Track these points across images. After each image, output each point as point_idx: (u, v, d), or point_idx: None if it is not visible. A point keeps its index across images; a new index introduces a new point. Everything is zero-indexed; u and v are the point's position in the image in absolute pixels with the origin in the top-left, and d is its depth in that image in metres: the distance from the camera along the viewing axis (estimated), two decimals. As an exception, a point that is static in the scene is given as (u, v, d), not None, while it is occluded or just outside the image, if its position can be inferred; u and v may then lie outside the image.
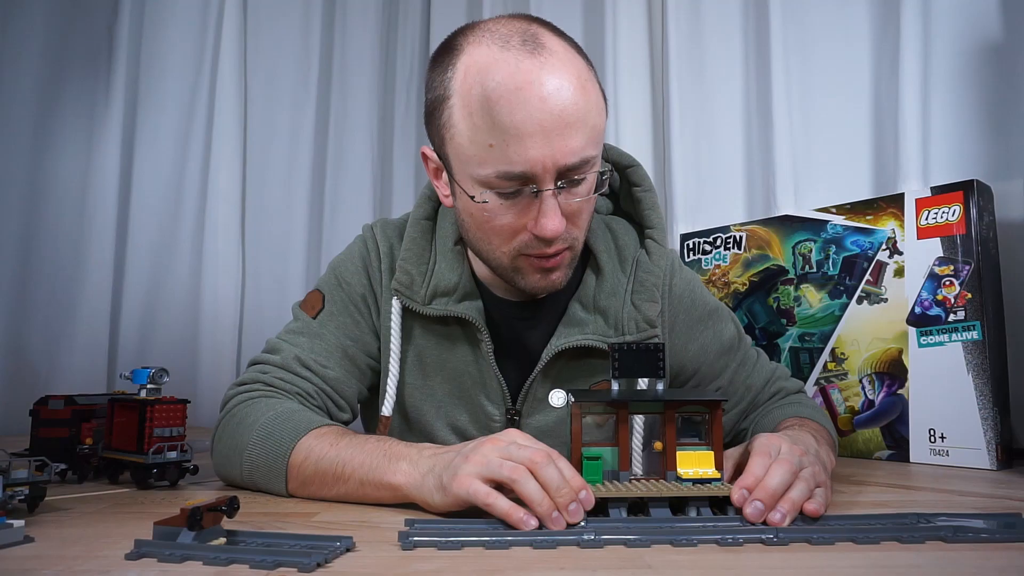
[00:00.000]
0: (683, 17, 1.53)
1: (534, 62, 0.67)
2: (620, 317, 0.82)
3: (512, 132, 0.66)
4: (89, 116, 1.65)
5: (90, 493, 0.77)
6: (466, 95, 0.69)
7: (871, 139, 1.34)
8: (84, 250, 1.61)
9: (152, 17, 1.74)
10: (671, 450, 0.61)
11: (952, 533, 0.54)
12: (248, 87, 1.78)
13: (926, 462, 1.02)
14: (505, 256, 0.75)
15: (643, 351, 0.62)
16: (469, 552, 0.52)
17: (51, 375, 1.56)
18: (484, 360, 0.83)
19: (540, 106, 0.66)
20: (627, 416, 0.62)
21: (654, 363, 0.62)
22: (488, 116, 0.67)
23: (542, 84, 0.66)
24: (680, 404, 0.62)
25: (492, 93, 0.67)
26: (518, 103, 0.66)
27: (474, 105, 0.68)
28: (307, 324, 0.85)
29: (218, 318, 1.66)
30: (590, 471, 0.60)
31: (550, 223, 0.70)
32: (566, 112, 0.67)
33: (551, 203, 0.69)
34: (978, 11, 1.22)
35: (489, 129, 0.67)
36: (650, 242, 0.85)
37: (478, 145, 0.69)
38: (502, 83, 0.66)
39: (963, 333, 1.00)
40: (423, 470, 0.63)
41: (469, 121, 0.69)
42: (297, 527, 0.60)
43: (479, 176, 0.70)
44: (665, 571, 0.47)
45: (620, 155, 0.90)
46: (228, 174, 1.70)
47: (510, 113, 0.66)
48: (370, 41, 1.88)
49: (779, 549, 0.53)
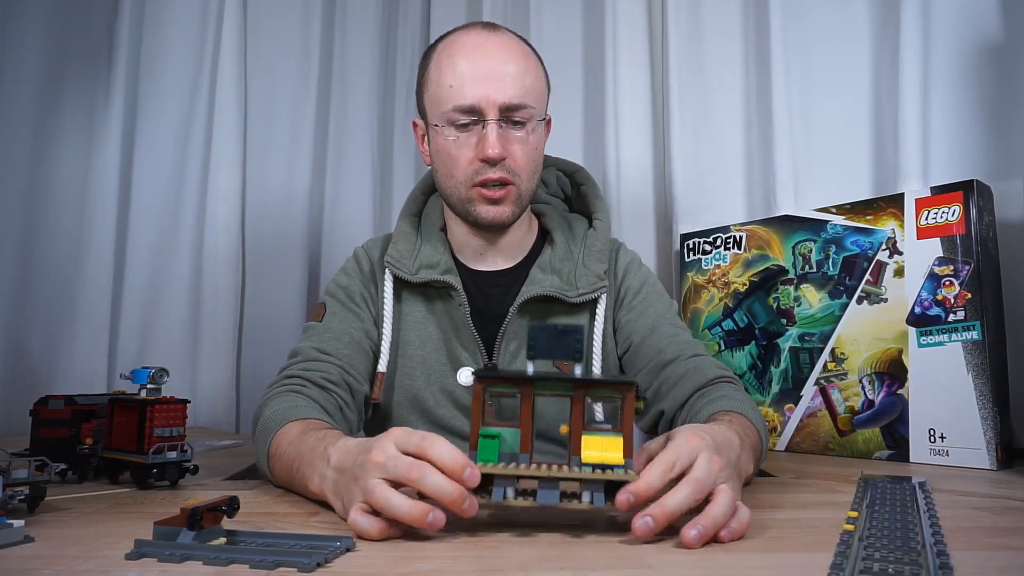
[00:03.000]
0: (683, 17, 1.53)
1: (489, 34, 0.94)
2: (574, 275, 0.99)
3: (467, 76, 0.90)
4: (89, 116, 1.65)
5: (90, 493, 0.77)
6: (439, 55, 0.94)
7: (871, 139, 1.34)
8: (84, 250, 1.61)
9: (152, 17, 1.74)
10: (576, 434, 0.57)
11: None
12: (248, 87, 1.78)
13: (926, 462, 1.02)
14: (463, 187, 0.93)
15: (560, 333, 0.58)
16: (469, 552, 0.52)
17: (51, 375, 1.56)
18: (462, 320, 0.97)
19: (487, 57, 0.91)
20: (531, 396, 0.58)
21: (571, 345, 0.58)
22: (451, 64, 0.91)
23: (491, 46, 0.92)
24: (589, 385, 0.58)
25: (456, 50, 0.92)
26: (472, 56, 0.91)
27: (443, 60, 0.93)
28: (315, 326, 0.98)
29: (218, 318, 1.65)
30: (485, 450, 0.56)
31: (491, 145, 0.89)
32: (507, 66, 0.91)
33: (492, 129, 0.89)
34: (978, 11, 1.22)
35: (452, 74, 0.91)
36: (596, 221, 1.04)
37: (443, 87, 0.91)
38: (464, 44, 0.93)
39: (963, 333, 1.00)
40: (329, 487, 0.63)
41: (439, 72, 0.93)
42: (297, 527, 0.60)
43: (443, 112, 0.91)
44: (665, 571, 0.47)
45: (565, 163, 1.12)
46: (228, 174, 1.69)
47: (465, 62, 0.91)
48: (370, 41, 1.88)
49: (779, 549, 0.53)
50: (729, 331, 1.30)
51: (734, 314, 1.29)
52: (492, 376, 0.59)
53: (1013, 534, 0.59)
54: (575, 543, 0.55)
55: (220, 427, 1.61)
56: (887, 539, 0.54)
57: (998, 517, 0.66)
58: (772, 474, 0.94)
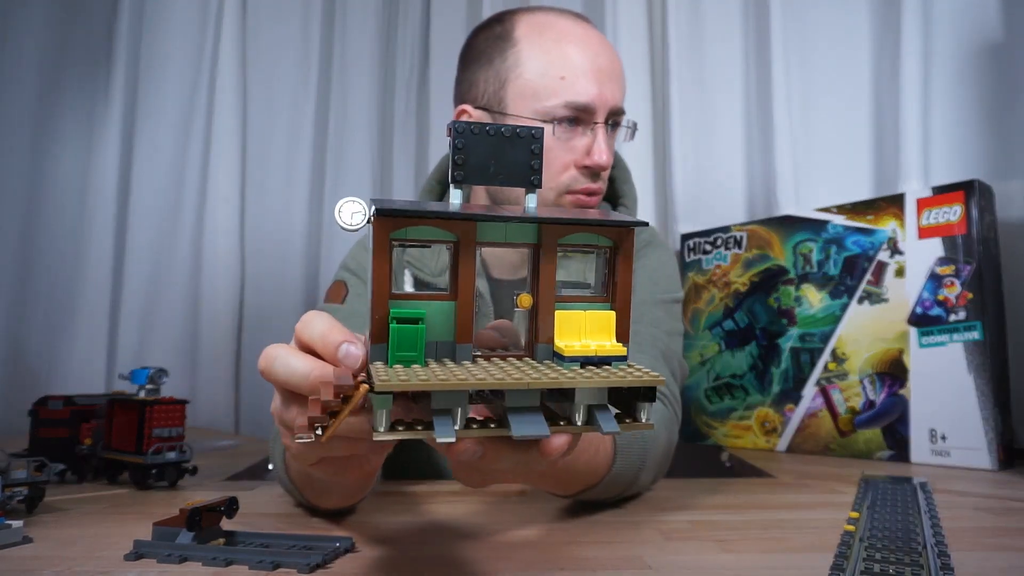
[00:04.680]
0: (683, 17, 1.53)
1: (588, 25, 0.83)
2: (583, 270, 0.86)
3: (581, 69, 0.78)
4: (89, 116, 1.65)
5: (89, 493, 0.77)
6: (538, 37, 0.80)
7: (872, 139, 1.33)
8: (83, 250, 1.61)
9: (152, 17, 1.74)
10: (546, 308, 0.37)
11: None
12: (248, 87, 1.77)
13: (927, 462, 1.02)
14: (552, 193, 0.81)
15: (506, 138, 0.36)
16: (469, 553, 0.52)
17: (50, 375, 1.56)
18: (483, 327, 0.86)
19: (599, 52, 0.80)
20: (472, 247, 0.36)
21: (524, 160, 0.37)
22: (562, 53, 0.79)
23: (597, 39, 0.82)
24: (568, 228, 0.37)
25: (564, 36, 0.80)
26: (584, 47, 0.79)
27: (549, 44, 0.79)
28: (339, 309, 0.86)
29: (218, 318, 1.65)
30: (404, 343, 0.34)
31: (604, 153, 0.79)
32: (614, 64, 0.81)
33: (603, 134, 0.79)
34: (978, 11, 1.22)
35: (563, 63, 0.78)
36: (620, 208, 0.93)
37: (550, 78, 0.78)
38: (570, 31, 0.80)
39: (964, 333, 1.00)
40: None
41: (544, 57, 0.79)
42: (297, 527, 0.60)
43: (545, 107, 0.78)
44: (665, 571, 0.47)
45: None
46: (228, 174, 1.69)
47: (579, 53, 0.79)
48: (370, 41, 1.88)
49: (779, 549, 0.53)
50: (730, 331, 1.30)
51: (735, 314, 1.29)
52: (405, 213, 0.35)
53: (1014, 535, 0.59)
54: (575, 543, 0.54)
55: (219, 427, 1.61)
56: (888, 540, 0.54)
57: (999, 518, 0.66)
58: (772, 475, 0.94)
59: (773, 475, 0.93)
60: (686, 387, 1.32)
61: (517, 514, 0.65)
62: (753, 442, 1.23)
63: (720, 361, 1.30)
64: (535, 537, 0.56)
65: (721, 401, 1.29)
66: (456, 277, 0.36)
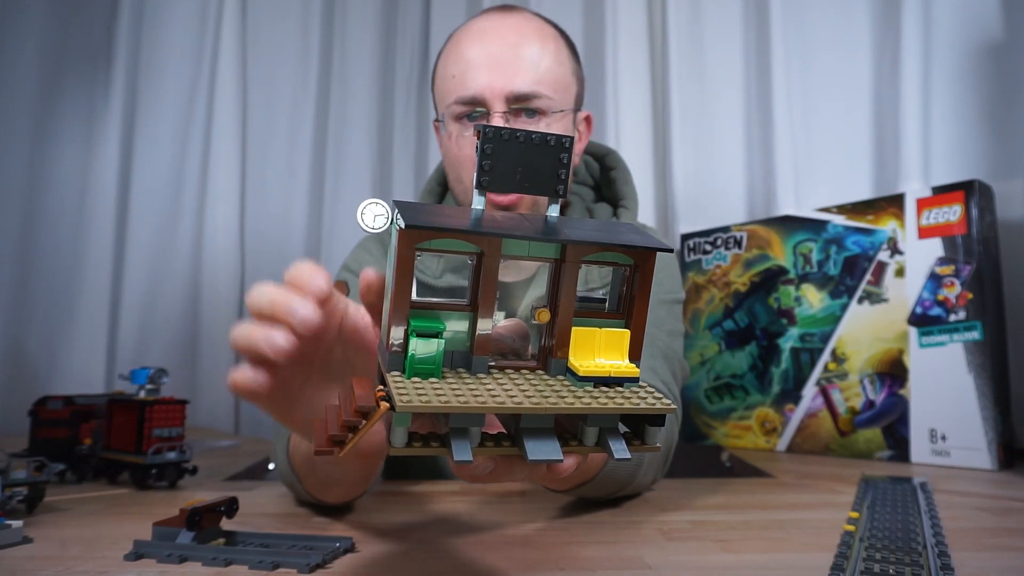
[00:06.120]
0: (683, 17, 1.53)
1: (502, 15, 0.82)
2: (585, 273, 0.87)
3: (469, 63, 0.79)
4: (88, 116, 1.65)
5: (89, 494, 0.77)
6: (450, 42, 0.83)
7: (872, 139, 1.33)
8: (83, 250, 1.61)
9: (152, 17, 1.74)
10: (564, 325, 0.36)
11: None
12: (248, 87, 1.78)
13: (927, 463, 1.02)
14: (468, 195, 0.82)
15: (536, 145, 0.36)
16: (469, 552, 0.52)
17: (50, 375, 1.56)
18: None
19: (494, 41, 0.79)
20: (497, 262, 0.36)
21: (552, 168, 0.36)
22: (454, 53, 0.81)
23: (502, 27, 0.80)
24: (592, 247, 0.36)
25: (466, 35, 0.81)
26: (477, 41, 0.80)
27: (451, 46, 0.83)
28: None
29: (217, 318, 1.65)
30: (423, 356, 0.34)
31: None
32: (517, 49, 0.78)
33: (497, 123, 0.77)
34: (978, 11, 1.22)
35: (454, 63, 0.80)
36: (621, 210, 0.92)
37: (446, 79, 0.81)
38: (472, 28, 0.82)
39: (964, 333, 1.00)
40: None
41: (444, 61, 0.82)
42: (297, 527, 0.60)
43: (447, 106, 0.80)
44: (665, 571, 0.47)
45: (595, 146, 0.98)
46: (227, 174, 1.69)
47: (469, 48, 0.79)
48: (370, 41, 1.88)
49: (779, 549, 0.53)
50: (730, 331, 1.30)
51: (735, 314, 1.29)
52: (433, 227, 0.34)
53: (1014, 535, 0.59)
54: (575, 544, 0.54)
55: (219, 427, 1.61)
56: (888, 540, 0.54)
57: (999, 518, 0.66)
58: (772, 475, 0.94)
59: (773, 475, 0.93)
60: (686, 387, 1.32)
61: (517, 514, 0.65)
62: (753, 442, 1.23)
63: (720, 361, 1.30)
64: (535, 537, 0.56)
65: (721, 401, 1.29)
66: (476, 289, 0.36)
